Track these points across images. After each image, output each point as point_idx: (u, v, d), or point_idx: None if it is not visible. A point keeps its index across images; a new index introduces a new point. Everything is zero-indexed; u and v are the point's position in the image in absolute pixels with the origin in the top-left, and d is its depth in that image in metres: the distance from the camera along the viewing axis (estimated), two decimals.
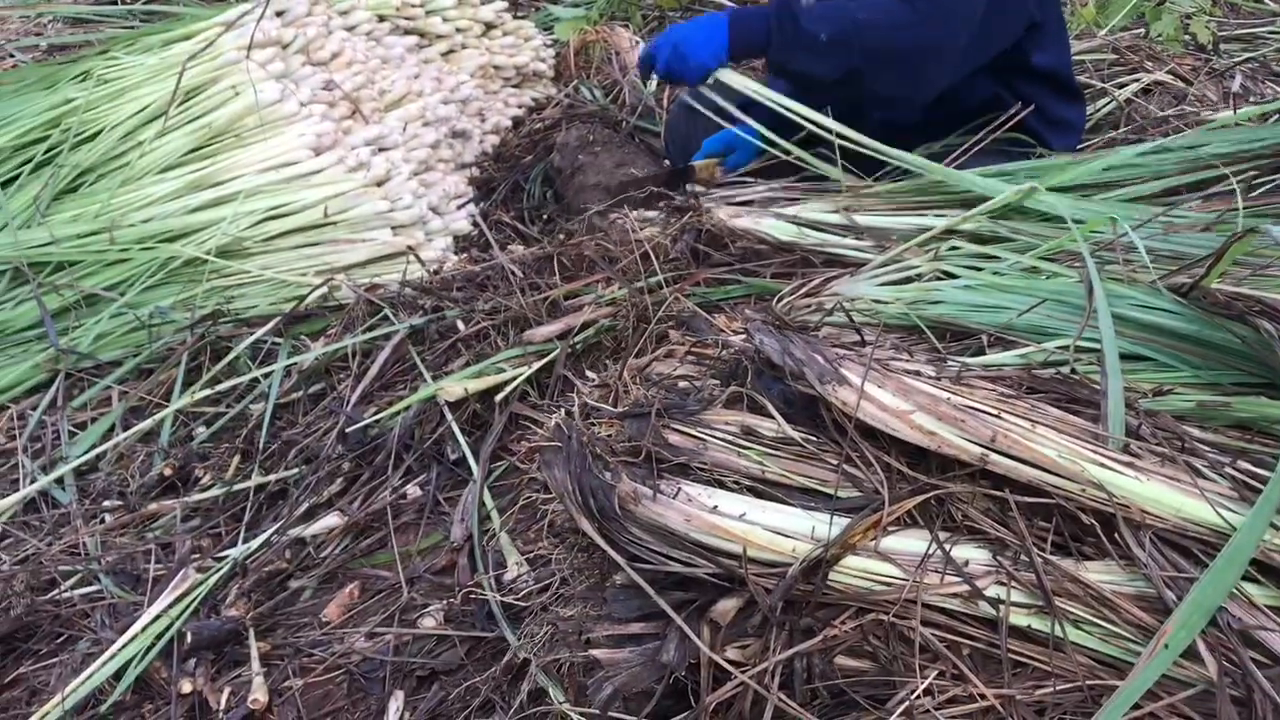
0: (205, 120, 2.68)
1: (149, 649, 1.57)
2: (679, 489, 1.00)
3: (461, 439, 1.90)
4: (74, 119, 2.78)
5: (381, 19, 3.15)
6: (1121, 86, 2.93)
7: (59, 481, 2.04)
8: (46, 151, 2.76)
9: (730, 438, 1.07)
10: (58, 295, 2.46)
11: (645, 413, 1.07)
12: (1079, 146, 2.45)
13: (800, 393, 1.08)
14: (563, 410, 1.19)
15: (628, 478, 0.99)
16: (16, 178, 2.73)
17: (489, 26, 3.48)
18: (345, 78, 2.84)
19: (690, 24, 2.27)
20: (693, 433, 1.07)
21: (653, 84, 3.47)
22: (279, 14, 2.87)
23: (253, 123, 2.65)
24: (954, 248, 1.77)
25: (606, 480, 0.98)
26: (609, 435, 1.08)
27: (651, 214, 2.41)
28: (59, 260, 2.53)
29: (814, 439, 1.08)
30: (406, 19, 3.21)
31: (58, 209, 2.67)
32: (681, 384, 1.33)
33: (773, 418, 1.09)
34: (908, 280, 1.78)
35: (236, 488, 1.93)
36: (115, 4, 4.84)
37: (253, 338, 2.29)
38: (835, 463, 1.06)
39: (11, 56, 4.36)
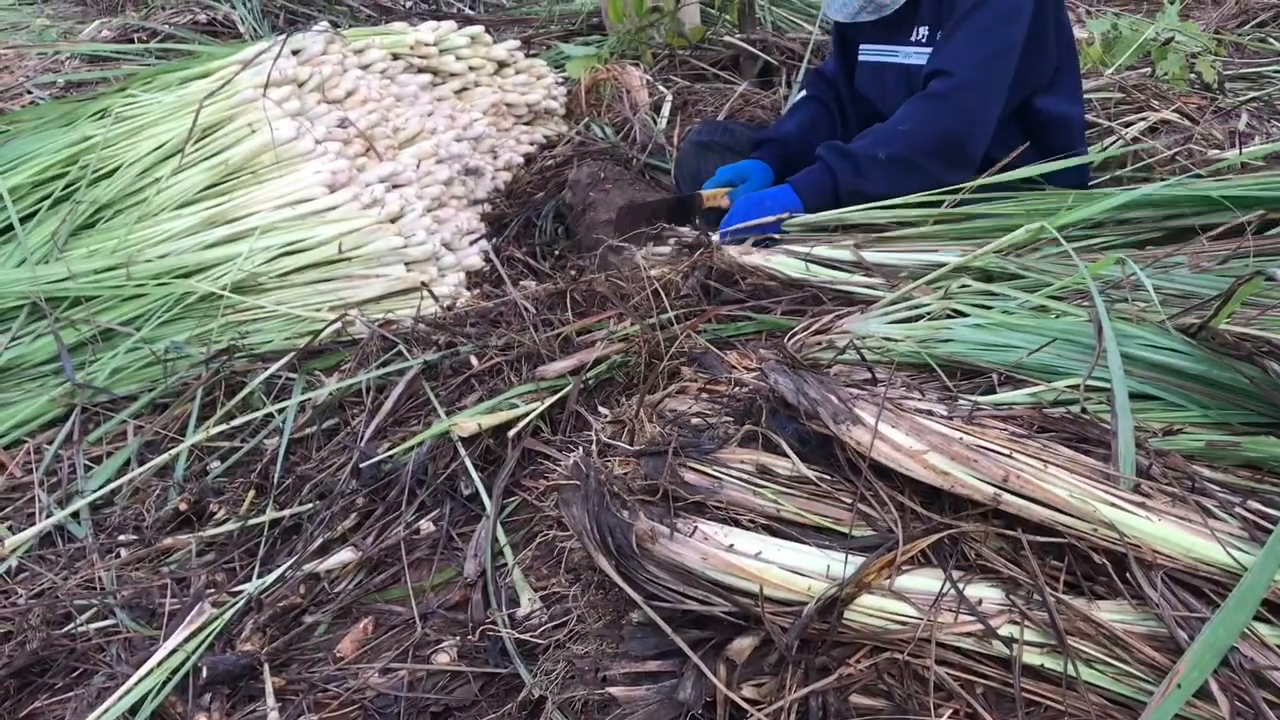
0: (222, 157, 2.71)
1: (165, 684, 1.57)
2: (695, 527, 1.01)
3: (475, 474, 1.91)
4: (92, 156, 2.82)
5: (395, 57, 3.19)
6: (1128, 125, 2.95)
7: (75, 516, 2.06)
8: (65, 188, 2.80)
9: (746, 476, 1.09)
10: (74, 330, 2.48)
11: (661, 451, 1.08)
12: (1089, 185, 2.49)
13: (815, 432, 1.09)
14: (580, 448, 1.20)
15: (645, 516, 1.00)
16: (35, 213, 2.77)
17: (501, 65, 3.53)
18: (360, 115, 2.88)
19: (760, 200, 2.41)
20: (708, 471, 1.09)
21: (663, 122, 3.52)
22: (295, 52, 2.92)
23: (269, 160, 2.69)
24: (964, 285, 1.79)
25: (624, 519, 0.99)
26: (625, 473, 1.09)
27: (663, 249, 2.45)
28: (76, 295, 2.55)
29: (828, 478, 1.09)
30: (420, 57, 3.26)
31: (75, 244, 2.70)
32: (695, 421, 1.34)
33: (787, 456, 1.10)
34: (917, 318, 1.80)
35: (251, 522, 1.94)
36: (131, 42, 4.92)
37: (267, 373, 2.30)
38: (849, 501, 1.07)
39: (29, 93, 4.42)
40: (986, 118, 2.26)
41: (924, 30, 2.40)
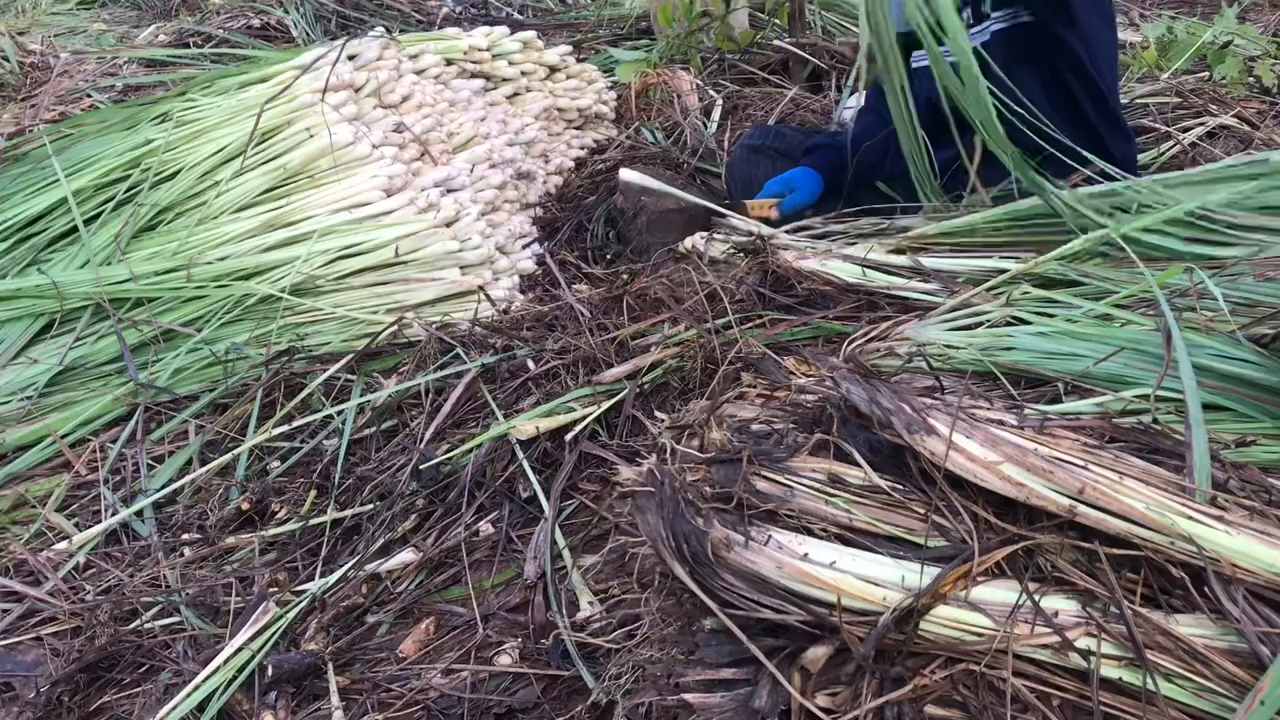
0: (280, 161, 2.75)
1: (231, 681, 1.59)
2: (769, 536, 1.02)
3: (533, 477, 1.92)
4: (154, 159, 2.86)
5: (449, 63, 3.22)
6: (1186, 130, 2.92)
7: (139, 514, 2.09)
8: (127, 190, 2.84)
9: (817, 485, 1.09)
10: (137, 331, 2.53)
11: (734, 459, 1.09)
12: None
13: (886, 441, 1.09)
14: (654, 455, 1.20)
15: (719, 524, 1.00)
16: (98, 215, 2.82)
17: (553, 70, 3.55)
18: (415, 120, 2.91)
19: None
20: (780, 479, 1.09)
21: (713, 126, 3.52)
22: (351, 58, 2.95)
23: (326, 164, 2.72)
24: (1025, 292, 1.77)
25: (699, 526, 1.00)
26: (697, 480, 1.10)
27: (707, 242, 2.47)
28: (138, 296, 2.59)
29: (900, 487, 1.09)
30: (474, 63, 3.28)
31: (137, 246, 2.75)
32: (755, 427, 1.35)
33: (859, 465, 1.11)
34: (977, 325, 1.79)
35: (312, 522, 1.97)
36: (188, 47, 4.99)
37: (326, 374, 2.33)
38: (922, 511, 1.07)
39: (89, 96, 4.49)
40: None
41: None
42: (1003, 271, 1.90)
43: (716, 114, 3.58)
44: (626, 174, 2.80)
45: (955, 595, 1.00)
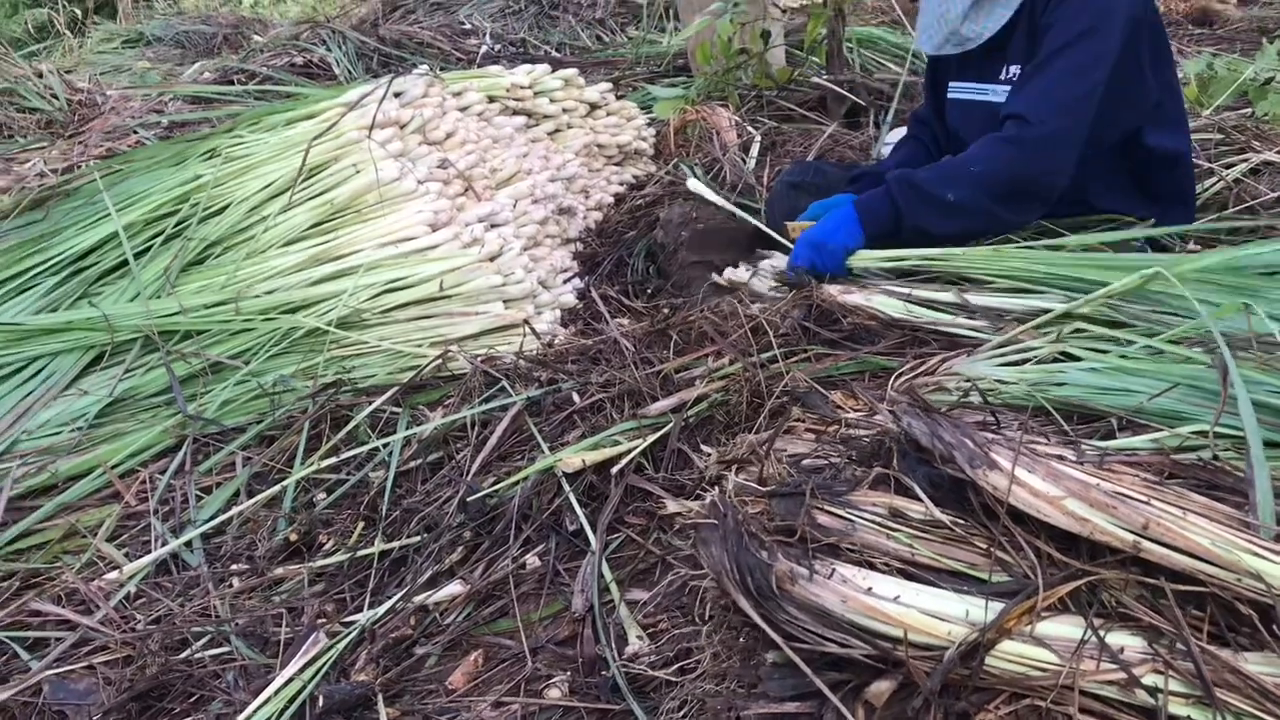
0: (327, 196, 2.79)
1: (282, 711, 1.60)
2: (833, 570, 1.02)
3: (579, 510, 1.93)
4: (202, 194, 2.91)
5: (492, 100, 3.26)
6: (1229, 167, 2.91)
7: (188, 544, 2.11)
8: (176, 225, 2.89)
9: (879, 519, 1.09)
10: (185, 363, 2.56)
11: (795, 493, 1.09)
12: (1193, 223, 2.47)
13: (947, 475, 1.09)
14: (716, 488, 1.21)
15: (783, 557, 1.01)
16: (148, 249, 2.86)
17: (593, 107, 3.59)
18: (459, 156, 2.95)
19: (823, 224, 2.39)
20: (841, 513, 1.09)
21: (752, 162, 3.54)
22: (397, 95, 2.99)
23: (372, 199, 2.76)
24: (1076, 330, 1.77)
25: (763, 559, 1.00)
26: (758, 514, 1.10)
27: (751, 274, 2.48)
28: (187, 329, 2.63)
29: (962, 522, 1.09)
30: (516, 100, 3.32)
31: (186, 280, 2.79)
32: (807, 463, 1.35)
33: (919, 500, 1.11)
34: (1026, 360, 1.79)
35: (360, 554, 1.98)
36: (232, 84, 5.08)
37: (372, 407, 2.35)
38: (985, 546, 1.07)
39: (136, 133, 4.58)
40: (1062, 165, 2.21)
41: (1014, 69, 2.39)
42: (1050, 309, 1.90)
43: (755, 150, 3.61)
44: (694, 184, 2.84)
45: (1020, 630, 1.00)
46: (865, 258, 2.33)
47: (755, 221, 2.68)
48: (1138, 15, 2.22)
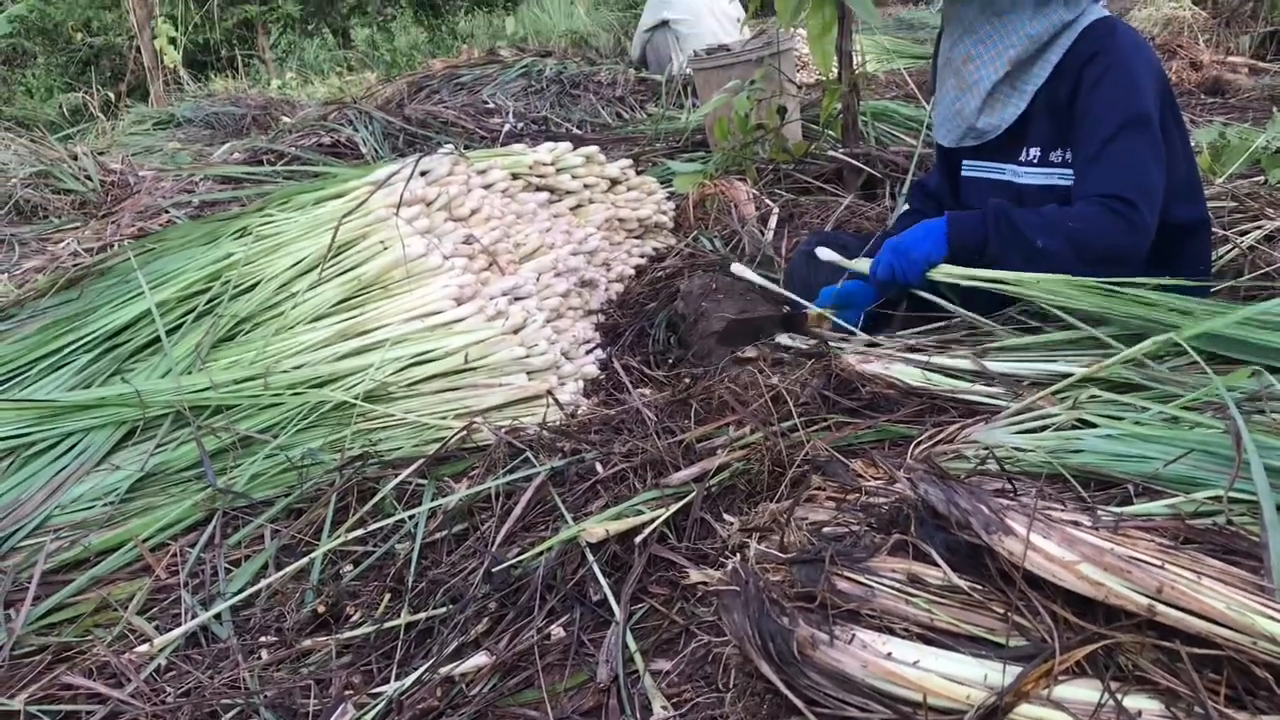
0: (355, 273, 2.85)
1: None
2: (853, 635, 1.04)
3: (603, 580, 1.95)
4: (234, 272, 2.98)
5: (515, 177, 3.34)
6: (1243, 234, 2.94)
7: (218, 617, 2.14)
8: (208, 302, 2.96)
9: (898, 585, 1.11)
10: (215, 438, 2.60)
11: (815, 559, 1.12)
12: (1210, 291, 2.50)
13: (964, 541, 1.11)
14: (738, 555, 1.23)
15: (804, 623, 1.03)
16: (180, 326, 2.93)
17: (614, 182, 3.66)
18: (484, 232, 3.01)
19: (909, 232, 2.43)
20: (861, 580, 1.12)
21: (770, 234, 3.60)
22: (423, 174, 3.07)
23: (400, 275, 2.82)
24: (1092, 396, 1.80)
25: (784, 625, 1.03)
26: (779, 580, 1.12)
27: (772, 350, 2.51)
28: (217, 404, 2.68)
29: (979, 587, 1.11)
30: (539, 176, 3.40)
31: (216, 356, 2.85)
32: (828, 530, 1.37)
33: (937, 566, 1.13)
34: (1043, 428, 1.81)
35: (387, 625, 2.00)
36: (261, 164, 5.20)
37: (398, 479, 2.39)
38: (1002, 611, 1.09)
39: (167, 212, 4.69)
40: (1151, 234, 2.27)
41: (1035, 151, 2.44)
42: (1067, 375, 1.93)
43: (773, 222, 3.67)
44: (737, 268, 2.93)
45: (1038, 694, 1.02)
46: (945, 272, 2.35)
47: (802, 301, 2.71)
48: (1162, 99, 2.29)
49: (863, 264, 2.55)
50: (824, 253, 2.70)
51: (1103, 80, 2.28)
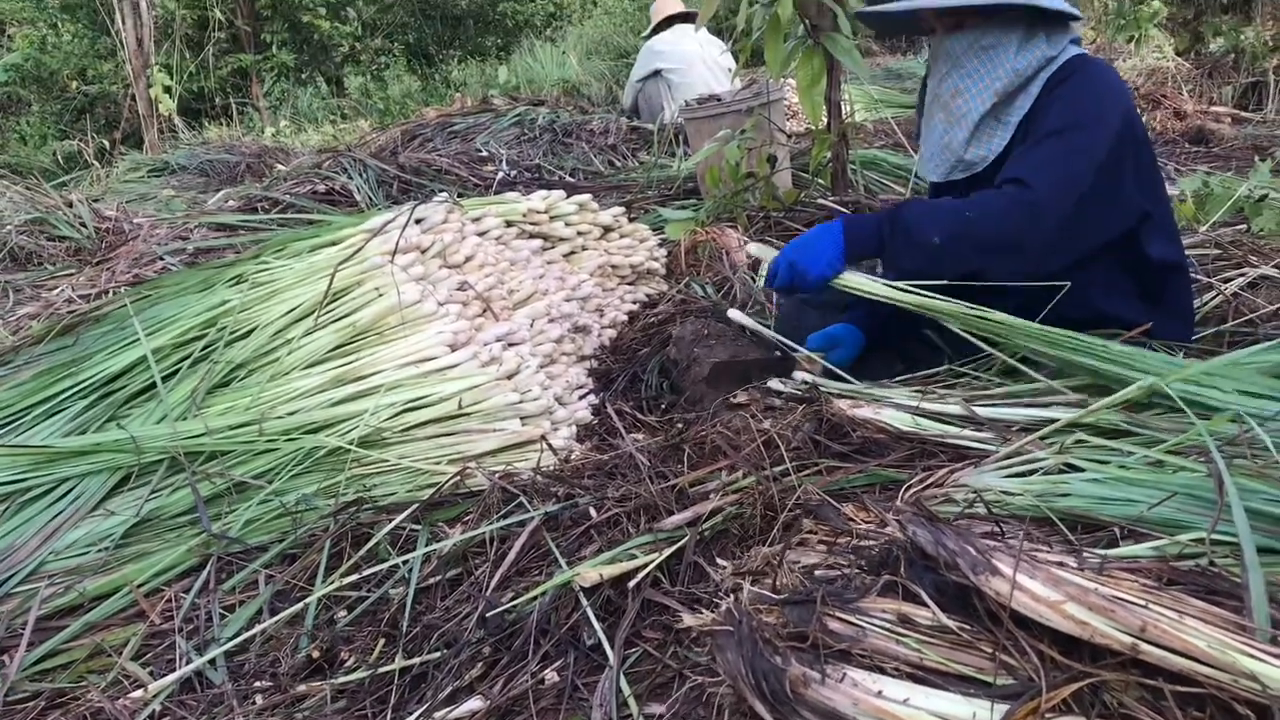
0: (350, 319, 2.88)
1: None
2: (845, 674, 1.06)
3: (597, 625, 1.96)
4: (229, 318, 3.01)
5: (509, 224, 3.38)
6: (1227, 280, 2.99)
7: (212, 662, 2.14)
8: (203, 349, 2.98)
9: (888, 625, 1.14)
10: (210, 483, 2.62)
11: (807, 600, 1.14)
12: (1193, 337, 2.54)
13: (952, 582, 1.14)
14: (731, 596, 1.25)
15: (796, 662, 1.05)
16: (176, 372, 2.95)
17: (607, 229, 3.71)
18: (478, 279, 3.05)
19: (805, 238, 2.46)
20: (851, 620, 1.14)
21: (761, 281, 3.64)
22: (418, 221, 3.11)
23: (394, 321, 2.85)
24: (1079, 440, 1.83)
25: (777, 664, 1.05)
26: (773, 621, 1.14)
27: (764, 395, 2.54)
28: (212, 450, 2.69)
29: (968, 627, 1.14)
30: (532, 224, 3.45)
31: (212, 402, 2.87)
32: (819, 572, 1.39)
33: (927, 606, 1.15)
34: (1031, 472, 1.84)
35: (381, 670, 2.01)
36: (255, 211, 5.24)
37: (392, 524, 2.40)
38: (990, 650, 1.11)
39: (161, 259, 4.72)
40: (1050, 232, 2.28)
41: None
42: (1055, 420, 1.96)
43: (764, 269, 3.71)
44: (734, 314, 2.97)
45: None
46: (845, 282, 2.40)
47: (793, 345, 2.74)
48: (1123, 131, 2.33)
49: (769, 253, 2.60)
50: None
51: (1063, 96, 2.35)
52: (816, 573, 1.29)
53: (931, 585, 1.17)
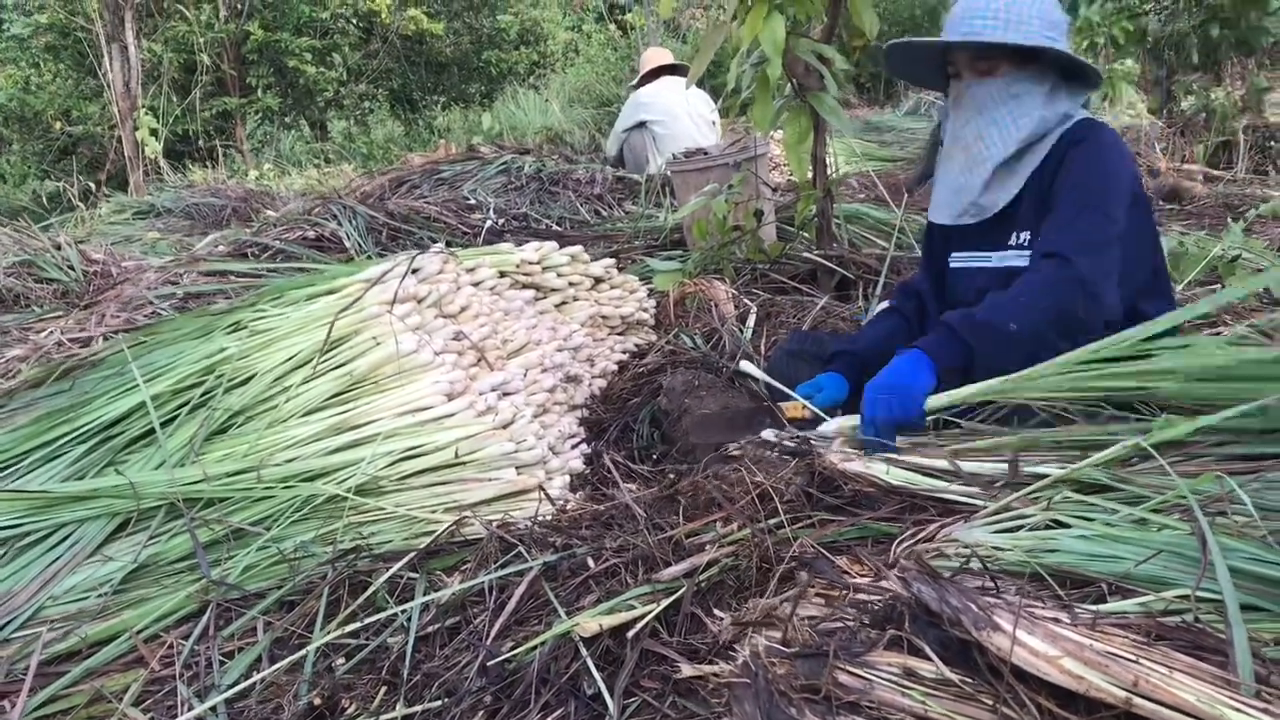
0: (348, 368, 2.93)
1: None
2: None
3: (596, 674, 2.00)
4: (228, 366, 3.05)
5: (503, 275, 3.44)
6: None
7: (213, 709, 2.16)
8: (202, 395, 3.01)
9: (894, 678, 1.19)
10: (209, 529, 2.64)
11: (818, 654, 1.19)
12: None
13: (955, 637, 1.20)
14: (748, 649, 1.30)
15: (810, 713, 1.10)
16: (174, 419, 2.98)
17: (597, 280, 3.77)
18: (473, 329, 3.11)
19: (889, 380, 2.43)
20: (860, 673, 1.19)
21: (749, 332, 3.72)
22: (414, 271, 3.17)
23: (391, 370, 2.90)
24: (1065, 497, 1.89)
25: (792, 715, 1.10)
26: (784, 673, 1.20)
27: (757, 445, 2.59)
28: (210, 497, 2.72)
29: (970, 680, 1.19)
30: (525, 275, 3.51)
31: (210, 449, 2.90)
32: (821, 625, 1.45)
33: (931, 660, 1.21)
34: (1019, 527, 1.90)
35: (382, 718, 2.03)
36: (245, 256, 5.28)
37: (390, 572, 2.43)
38: (991, 702, 1.16)
39: (151, 304, 4.75)
40: (1099, 300, 2.35)
41: (1025, 235, 2.57)
42: (1041, 476, 2.03)
43: (751, 320, 3.79)
44: (746, 365, 3.07)
45: None
46: (941, 401, 2.38)
47: (790, 392, 2.79)
48: (1136, 190, 2.44)
49: (849, 420, 2.54)
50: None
51: (1082, 161, 2.44)
52: (820, 626, 1.35)
53: (935, 640, 1.23)
